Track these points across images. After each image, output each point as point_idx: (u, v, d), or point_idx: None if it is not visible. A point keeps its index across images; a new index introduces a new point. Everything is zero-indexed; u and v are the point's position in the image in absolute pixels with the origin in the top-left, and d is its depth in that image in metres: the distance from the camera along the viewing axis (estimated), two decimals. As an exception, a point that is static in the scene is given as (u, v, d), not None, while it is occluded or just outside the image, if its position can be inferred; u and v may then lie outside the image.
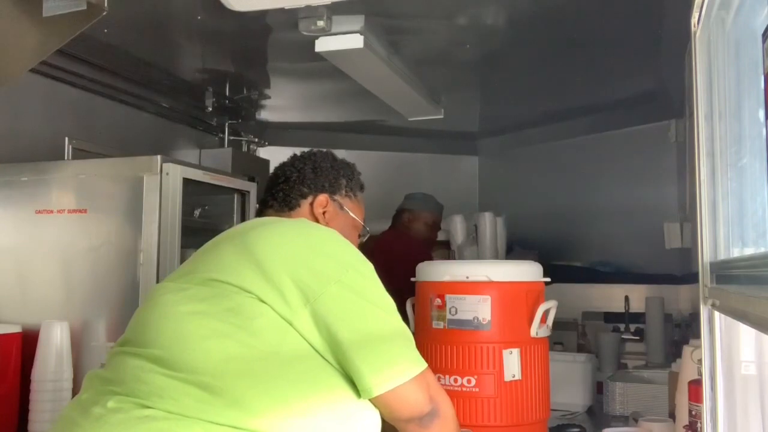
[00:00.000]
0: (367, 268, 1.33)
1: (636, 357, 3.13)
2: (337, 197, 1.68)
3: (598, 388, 2.55)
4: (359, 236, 1.73)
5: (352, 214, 1.69)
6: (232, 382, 1.17)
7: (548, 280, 1.93)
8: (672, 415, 1.95)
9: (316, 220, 1.62)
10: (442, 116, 3.45)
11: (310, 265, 1.27)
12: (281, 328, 1.21)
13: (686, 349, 1.81)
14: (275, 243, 1.31)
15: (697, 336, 1.50)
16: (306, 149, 1.75)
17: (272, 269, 1.25)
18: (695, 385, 1.58)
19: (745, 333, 1.25)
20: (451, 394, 1.78)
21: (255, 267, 1.26)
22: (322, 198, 1.66)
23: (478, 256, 3.49)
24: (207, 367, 1.18)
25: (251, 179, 2.96)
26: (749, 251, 1.22)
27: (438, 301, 1.84)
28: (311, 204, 1.65)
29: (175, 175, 2.37)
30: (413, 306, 1.99)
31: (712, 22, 1.35)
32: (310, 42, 2.39)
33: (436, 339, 1.83)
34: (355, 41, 2.34)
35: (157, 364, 1.21)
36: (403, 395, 1.26)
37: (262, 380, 1.18)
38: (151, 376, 1.20)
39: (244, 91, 3.42)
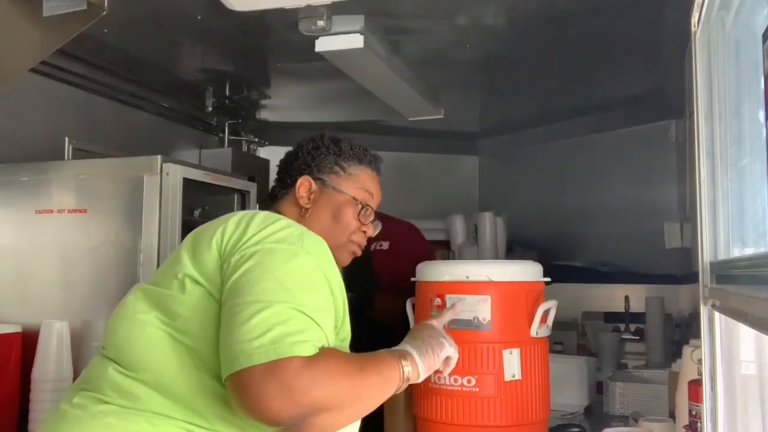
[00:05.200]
0: (293, 249, 1.23)
1: (636, 357, 3.13)
2: (321, 176, 1.56)
3: (598, 388, 2.55)
4: (359, 215, 1.56)
5: (341, 189, 1.56)
6: (171, 378, 1.20)
7: (548, 280, 1.93)
8: (672, 415, 1.95)
9: (300, 208, 1.54)
10: (442, 116, 3.45)
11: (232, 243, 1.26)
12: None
13: (686, 349, 1.81)
14: (213, 228, 1.31)
15: (697, 336, 1.50)
16: None
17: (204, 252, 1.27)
18: (695, 385, 1.58)
19: (745, 333, 1.25)
20: (451, 394, 1.79)
21: (191, 254, 1.28)
22: (302, 180, 1.55)
23: (478, 256, 3.49)
24: (150, 366, 1.23)
25: (251, 179, 2.96)
26: (749, 251, 1.23)
27: (438, 301, 1.84)
28: (295, 189, 1.55)
29: (175, 175, 2.37)
30: (413, 306, 1.99)
31: (712, 22, 1.35)
32: (310, 42, 2.39)
33: (436, 339, 1.83)
34: (355, 41, 2.34)
35: (116, 363, 1.26)
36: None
37: (193, 375, 1.20)
38: (111, 374, 1.25)
39: (244, 91, 3.42)
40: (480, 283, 1.83)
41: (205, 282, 1.24)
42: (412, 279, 1.99)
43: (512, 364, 1.79)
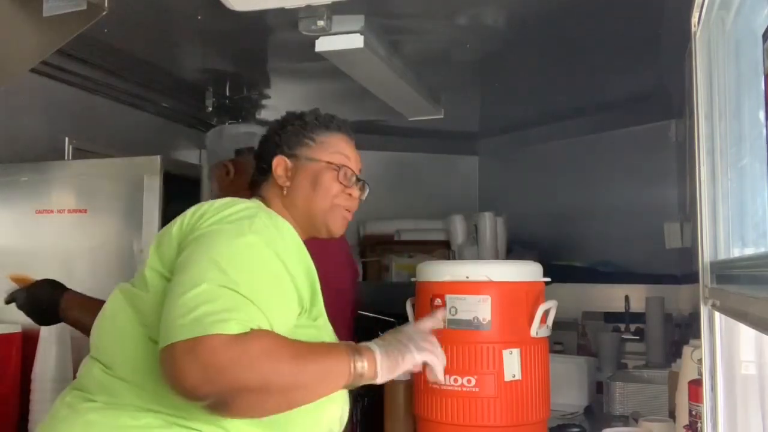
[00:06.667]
0: (239, 230, 1.24)
1: (636, 357, 3.13)
2: (293, 151, 1.52)
3: (598, 388, 2.55)
4: (338, 177, 1.50)
5: (315, 158, 1.51)
6: (144, 372, 1.22)
7: (548, 280, 1.93)
8: (672, 415, 1.95)
9: (280, 189, 1.50)
10: (442, 116, 3.45)
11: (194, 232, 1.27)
12: None
13: (686, 349, 1.81)
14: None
15: (697, 336, 1.50)
16: None
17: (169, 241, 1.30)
18: (695, 385, 1.58)
19: (745, 333, 1.25)
20: (451, 394, 1.79)
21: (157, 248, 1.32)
22: (277, 160, 1.51)
23: (478, 256, 3.49)
24: (126, 362, 1.26)
25: (251, 179, 2.95)
26: (749, 251, 1.23)
27: (438, 301, 1.84)
28: (273, 171, 1.51)
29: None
30: (413, 306, 1.99)
31: (712, 22, 1.35)
32: (310, 42, 2.39)
33: (436, 339, 1.83)
34: (355, 41, 2.34)
35: (99, 362, 1.30)
36: None
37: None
38: (96, 372, 1.29)
39: (244, 91, 3.41)
40: (480, 283, 1.83)
41: (167, 272, 1.27)
42: (413, 279, 1.99)
43: (512, 364, 1.79)
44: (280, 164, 1.50)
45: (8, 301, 1.85)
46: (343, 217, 1.53)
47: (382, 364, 1.29)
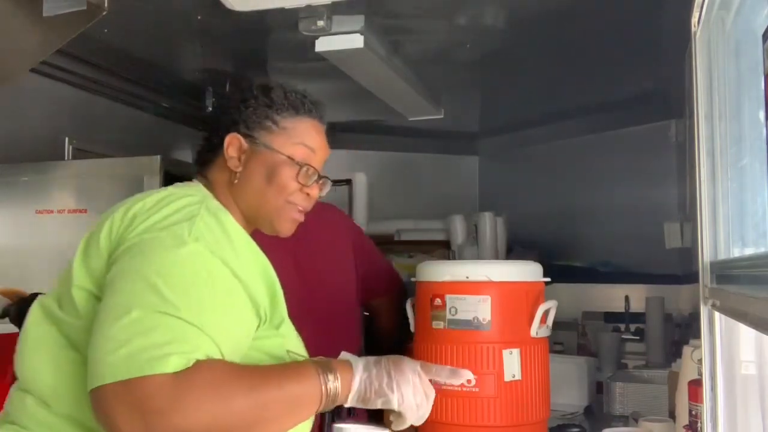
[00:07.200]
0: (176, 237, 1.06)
1: (636, 357, 3.13)
2: (252, 132, 1.30)
3: (598, 388, 2.55)
4: (298, 176, 1.30)
5: (275, 148, 1.30)
6: (89, 409, 1.02)
7: (548, 280, 1.93)
8: (672, 415, 1.95)
9: (230, 174, 1.30)
10: (442, 116, 3.45)
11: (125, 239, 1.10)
12: None
13: (686, 349, 1.81)
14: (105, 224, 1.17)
15: (697, 336, 1.50)
16: None
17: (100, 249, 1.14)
18: (695, 385, 1.58)
19: (745, 333, 1.25)
20: (451, 394, 1.78)
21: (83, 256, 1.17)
22: (230, 138, 1.30)
23: (478, 256, 3.49)
24: (65, 395, 1.11)
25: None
26: (749, 251, 1.23)
27: (438, 301, 1.84)
28: (224, 150, 1.30)
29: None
30: (413, 306, 1.99)
31: (712, 22, 1.35)
32: (310, 42, 2.39)
33: (436, 339, 1.83)
34: (355, 41, 2.34)
35: (32, 395, 1.14)
36: None
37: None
38: (31, 407, 1.13)
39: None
40: (480, 283, 1.82)
41: (98, 291, 1.10)
42: (412, 279, 1.99)
43: (512, 364, 1.79)
44: (233, 143, 1.30)
45: (1, 316, 1.85)
46: (293, 219, 1.34)
47: (359, 390, 1.16)
